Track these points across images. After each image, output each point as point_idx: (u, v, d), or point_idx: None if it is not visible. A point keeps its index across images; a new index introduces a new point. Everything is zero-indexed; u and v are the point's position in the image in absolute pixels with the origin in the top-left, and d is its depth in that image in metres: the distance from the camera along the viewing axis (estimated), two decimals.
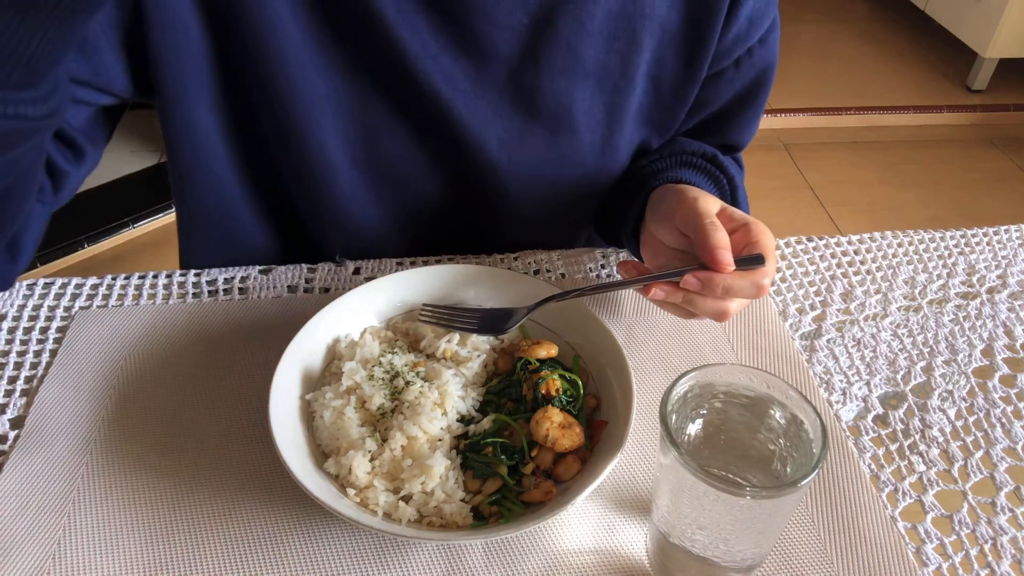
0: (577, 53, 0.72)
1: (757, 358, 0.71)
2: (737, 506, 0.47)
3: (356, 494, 0.56)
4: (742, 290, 0.61)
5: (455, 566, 0.55)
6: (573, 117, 0.75)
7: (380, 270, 0.79)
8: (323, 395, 0.62)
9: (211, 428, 0.63)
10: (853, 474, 0.62)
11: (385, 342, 0.67)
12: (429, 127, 0.74)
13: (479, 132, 0.74)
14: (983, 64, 2.98)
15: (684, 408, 0.52)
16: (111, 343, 0.70)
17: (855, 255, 0.85)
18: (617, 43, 0.73)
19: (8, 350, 0.70)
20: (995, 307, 0.79)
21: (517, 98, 0.74)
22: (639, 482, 0.61)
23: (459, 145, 0.75)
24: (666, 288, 0.62)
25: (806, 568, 0.55)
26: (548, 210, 0.82)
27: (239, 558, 0.55)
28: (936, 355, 0.73)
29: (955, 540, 0.58)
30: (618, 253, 0.83)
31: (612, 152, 0.79)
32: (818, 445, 0.47)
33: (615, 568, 0.55)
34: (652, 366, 0.70)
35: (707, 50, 0.75)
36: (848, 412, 0.67)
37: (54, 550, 0.55)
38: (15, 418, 0.64)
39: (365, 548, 0.56)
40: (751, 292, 0.61)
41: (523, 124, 0.75)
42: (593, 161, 0.79)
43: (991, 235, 0.88)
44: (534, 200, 0.80)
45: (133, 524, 0.56)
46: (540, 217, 0.82)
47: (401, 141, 0.75)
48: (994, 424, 0.67)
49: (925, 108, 2.96)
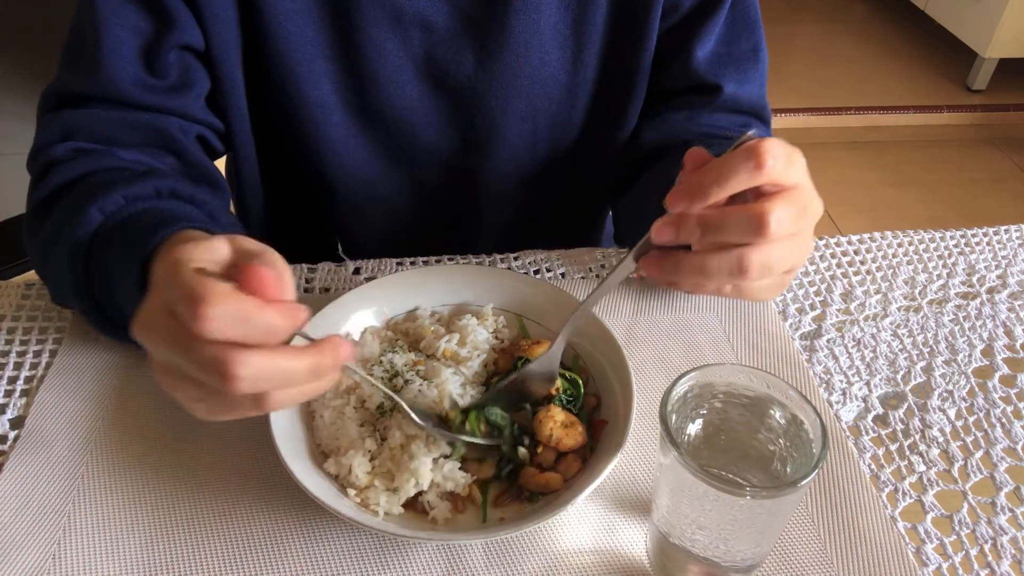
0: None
1: (757, 358, 0.71)
2: (737, 506, 0.47)
3: (356, 494, 0.56)
4: (731, 224, 0.50)
5: (455, 566, 0.55)
6: (541, 32, 0.76)
7: (380, 270, 0.79)
8: (323, 395, 0.62)
9: (211, 428, 0.63)
10: (853, 474, 0.62)
11: (385, 342, 0.67)
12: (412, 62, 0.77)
13: (456, 60, 0.77)
14: (983, 64, 2.98)
15: (684, 408, 0.52)
16: (111, 343, 0.70)
17: (855, 255, 0.85)
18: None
19: (8, 350, 0.70)
20: (995, 307, 0.79)
21: (491, 19, 0.75)
22: (639, 482, 0.61)
23: (438, 77, 0.78)
24: (653, 260, 0.55)
25: (806, 568, 0.55)
26: (531, 132, 0.83)
27: (239, 558, 0.55)
28: (936, 355, 0.73)
29: (955, 540, 0.58)
30: (618, 253, 0.83)
31: (583, 70, 0.80)
32: (818, 445, 0.47)
33: (615, 568, 0.55)
34: (652, 366, 0.70)
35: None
36: (848, 412, 0.67)
37: (54, 550, 0.55)
38: (15, 418, 0.64)
39: (365, 548, 0.56)
40: (744, 222, 0.50)
41: (496, 47, 0.77)
42: (566, 78, 0.80)
43: (991, 235, 0.88)
44: (515, 118, 0.81)
45: (133, 524, 0.56)
46: (524, 140, 0.84)
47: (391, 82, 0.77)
48: (994, 424, 0.67)
49: (925, 108, 2.96)
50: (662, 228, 0.52)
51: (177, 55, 0.71)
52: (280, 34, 0.73)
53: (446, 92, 0.79)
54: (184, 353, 0.43)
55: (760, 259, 0.51)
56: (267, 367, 0.43)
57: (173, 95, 0.71)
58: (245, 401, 0.45)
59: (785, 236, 0.51)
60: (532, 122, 0.82)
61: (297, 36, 0.73)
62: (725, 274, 0.52)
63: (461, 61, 0.77)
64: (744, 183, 0.49)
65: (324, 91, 0.77)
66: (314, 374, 0.46)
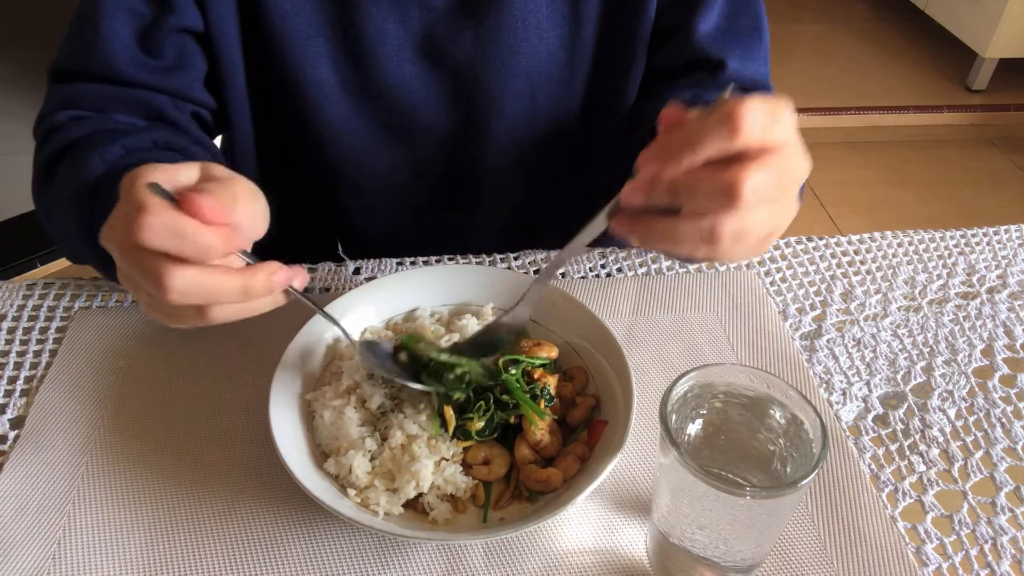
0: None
1: (757, 358, 0.71)
2: (737, 506, 0.47)
3: (356, 494, 0.56)
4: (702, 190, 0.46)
5: (455, 566, 0.55)
6: (538, 9, 0.77)
7: (380, 270, 0.79)
8: (323, 395, 0.62)
9: (211, 428, 0.63)
10: (853, 474, 0.62)
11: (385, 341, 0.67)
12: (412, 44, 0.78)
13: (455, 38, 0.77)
14: (983, 64, 2.98)
15: (684, 408, 0.52)
16: (111, 343, 0.70)
17: (855, 255, 0.85)
18: None
19: (8, 350, 0.70)
20: (995, 307, 0.79)
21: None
22: (639, 482, 0.61)
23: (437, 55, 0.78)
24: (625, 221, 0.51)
25: (806, 568, 0.55)
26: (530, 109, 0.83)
27: (239, 558, 0.55)
28: (936, 355, 0.73)
29: (955, 540, 0.58)
30: (618, 253, 0.83)
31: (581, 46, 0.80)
32: (818, 445, 0.47)
33: (615, 568, 0.55)
34: (652, 366, 0.70)
35: None
36: (848, 412, 0.67)
37: (54, 550, 0.55)
38: (15, 418, 0.64)
39: (365, 548, 0.56)
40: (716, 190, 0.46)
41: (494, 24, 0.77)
42: (564, 55, 0.80)
43: (991, 235, 0.88)
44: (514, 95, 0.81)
45: (133, 524, 0.56)
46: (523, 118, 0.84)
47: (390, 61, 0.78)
48: (994, 424, 0.67)
49: (925, 108, 2.96)
50: (632, 192, 0.49)
51: (175, 37, 0.73)
52: (278, 14, 0.74)
53: (445, 70, 0.79)
54: (130, 261, 0.49)
55: (733, 228, 0.48)
56: (197, 282, 0.48)
57: (168, 75, 0.73)
58: (188, 311, 0.50)
59: (761, 202, 0.47)
60: (531, 99, 0.82)
61: (295, 15, 0.74)
62: (696, 241, 0.49)
63: (460, 39, 0.78)
64: (718, 149, 0.46)
65: (323, 70, 0.77)
66: (245, 293, 0.50)
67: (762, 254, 0.61)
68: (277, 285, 0.52)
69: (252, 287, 0.50)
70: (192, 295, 0.49)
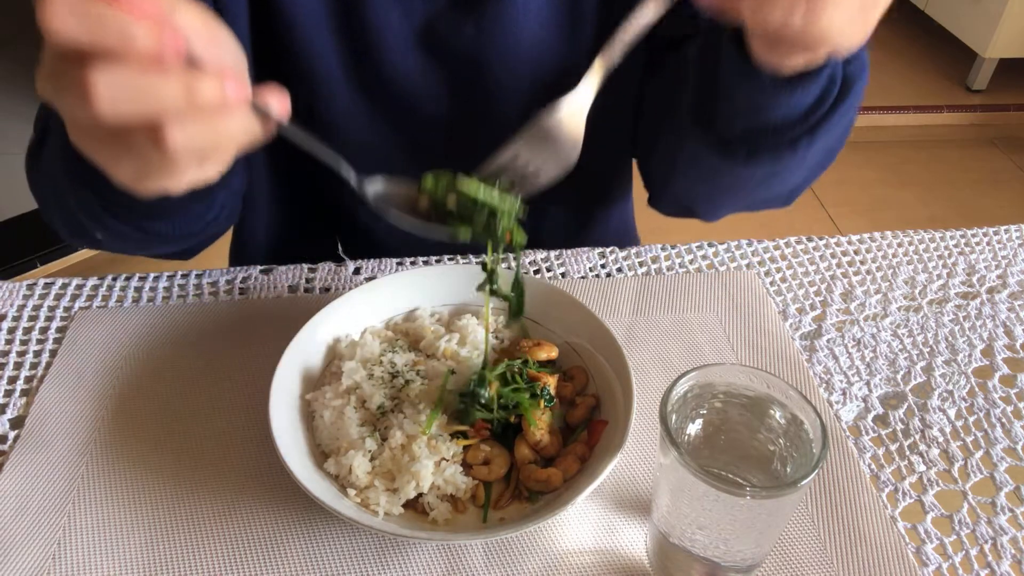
0: None
1: (757, 358, 0.71)
2: (737, 506, 0.47)
3: (356, 494, 0.56)
4: None
5: (455, 566, 0.55)
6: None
7: (380, 270, 0.79)
8: (323, 395, 0.62)
9: (211, 428, 0.63)
10: (853, 474, 0.62)
11: (385, 342, 0.67)
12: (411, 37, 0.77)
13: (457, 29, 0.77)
14: (983, 64, 2.98)
15: (684, 408, 0.52)
16: (111, 343, 0.70)
17: (855, 255, 0.85)
18: None
19: (8, 350, 0.70)
20: (995, 307, 0.79)
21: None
22: (639, 482, 0.61)
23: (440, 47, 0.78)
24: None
25: (806, 568, 0.55)
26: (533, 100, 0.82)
27: (239, 558, 0.55)
28: (936, 355, 0.73)
29: (955, 540, 0.58)
30: (617, 252, 0.82)
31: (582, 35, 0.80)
32: (818, 445, 0.47)
33: (615, 568, 0.55)
34: (652, 366, 0.70)
35: None
36: (848, 412, 0.67)
37: (54, 550, 0.55)
38: (15, 418, 0.64)
39: (365, 548, 0.56)
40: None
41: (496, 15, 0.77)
42: (566, 44, 0.80)
43: (991, 235, 0.88)
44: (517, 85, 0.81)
45: (133, 524, 0.56)
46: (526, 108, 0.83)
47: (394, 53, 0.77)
48: (994, 424, 0.67)
49: (925, 108, 2.96)
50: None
51: None
52: (286, 6, 0.74)
53: (448, 62, 0.80)
54: (49, 75, 0.40)
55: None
56: (126, 81, 0.38)
57: None
58: (137, 138, 0.41)
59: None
60: (532, 92, 0.82)
61: (301, 8, 0.74)
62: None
63: (462, 30, 0.78)
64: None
65: (328, 64, 0.77)
66: (191, 97, 0.40)
67: (867, 34, 0.54)
68: (232, 93, 0.42)
69: (198, 89, 0.40)
70: (125, 100, 0.39)
